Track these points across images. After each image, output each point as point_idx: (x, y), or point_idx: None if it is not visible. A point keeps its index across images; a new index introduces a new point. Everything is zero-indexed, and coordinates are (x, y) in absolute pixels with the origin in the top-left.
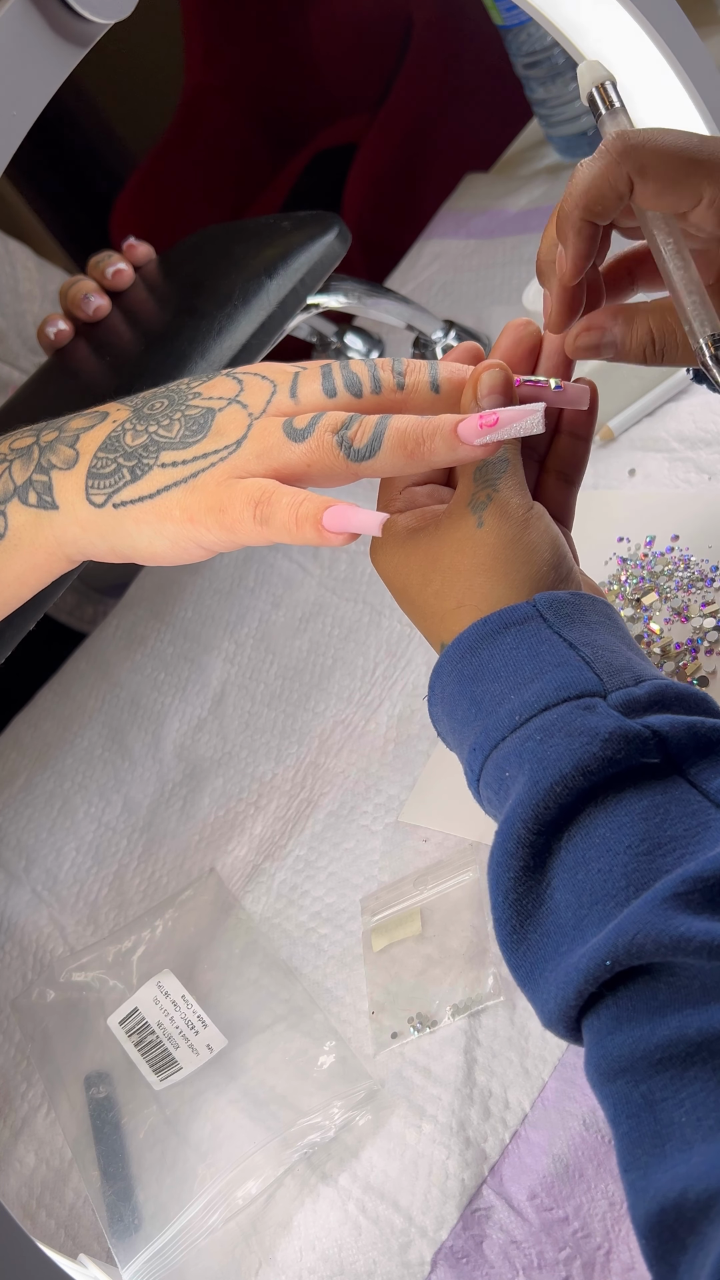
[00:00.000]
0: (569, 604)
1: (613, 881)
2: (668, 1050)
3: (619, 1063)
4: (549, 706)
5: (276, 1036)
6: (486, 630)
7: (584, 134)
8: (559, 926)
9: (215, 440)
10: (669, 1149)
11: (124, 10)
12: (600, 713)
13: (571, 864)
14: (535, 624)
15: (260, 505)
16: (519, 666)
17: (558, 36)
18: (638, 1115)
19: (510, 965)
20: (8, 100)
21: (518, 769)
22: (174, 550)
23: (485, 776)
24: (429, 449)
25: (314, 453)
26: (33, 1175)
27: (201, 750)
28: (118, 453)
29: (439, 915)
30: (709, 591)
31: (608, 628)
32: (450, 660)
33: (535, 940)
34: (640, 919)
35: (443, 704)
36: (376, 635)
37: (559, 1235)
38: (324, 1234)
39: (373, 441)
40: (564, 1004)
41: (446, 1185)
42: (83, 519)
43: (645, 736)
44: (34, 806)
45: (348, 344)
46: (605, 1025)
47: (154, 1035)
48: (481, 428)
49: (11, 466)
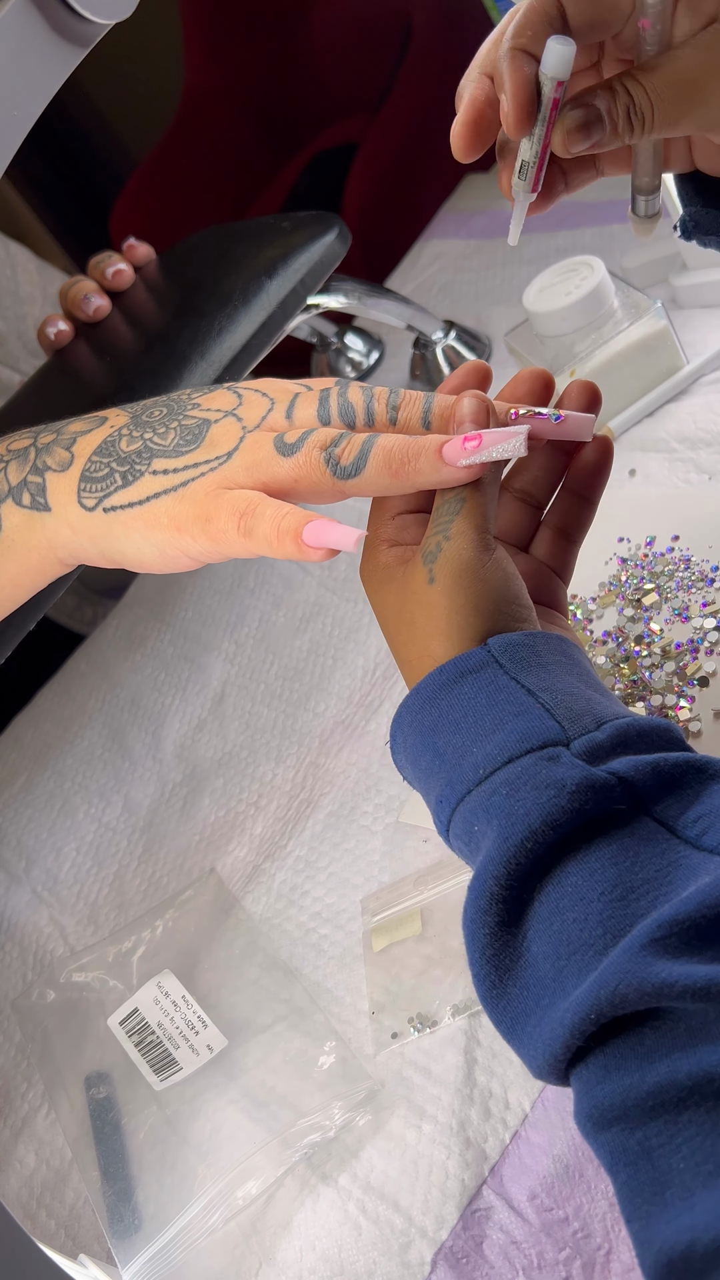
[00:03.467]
0: (524, 646)
1: (589, 930)
2: (660, 1096)
3: (611, 1111)
4: (512, 759)
5: (276, 1037)
6: (443, 680)
7: None
8: (538, 979)
9: (207, 451)
10: (670, 1196)
11: (124, 10)
12: (565, 763)
13: (546, 915)
14: (491, 670)
15: (245, 517)
16: (479, 717)
17: None
18: (635, 1164)
19: (493, 1020)
20: (8, 100)
21: (486, 824)
22: (161, 558)
23: (454, 829)
24: (413, 469)
25: (301, 468)
26: (33, 1175)
27: (201, 750)
28: (112, 457)
29: (439, 915)
30: (709, 591)
31: (565, 666)
32: (410, 711)
33: (515, 994)
34: (620, 969)
35: (405, 753)
36: (376, 635)
37: (559, 1235)
38: (324, 1234)
39: (358, 459)
40: (552, 1058)
41: (446, 1185)
42: (73, 521)
43: (611, 784)
44: (34, 806)
45: (348, 344)
46: (594, 1075)
47: (154, 1035)
48: (465, 449)
49: (8, 468)
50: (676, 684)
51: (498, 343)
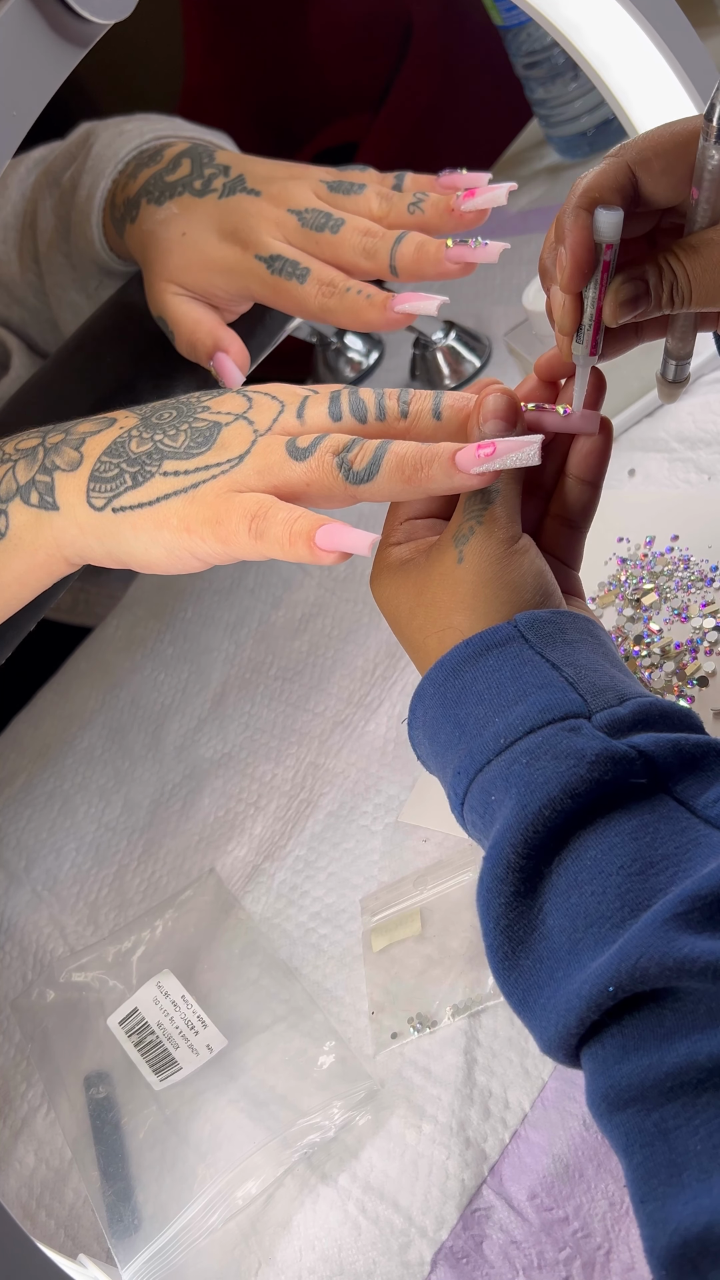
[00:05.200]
0: (550, 623)
1: (606, 903)
2: (679, 1077)
3: (628, 1092)
4: (534, 729)
5: (276, 1036)
6: (468, 653)
7: (584, 134)
8: (553, 951)
9: (219, 453)
10: (686, 1179)
11: (124, 10)
12: (586, 734)
13: (564, 887)
14: (517, 645)
15: (256, 519)
16: (502, 689)
17: (557, 37)
18: (651, 1145)
19: (504, 992)
20: (8, 100)
21: (504, 793)
22: (169, 559)
23: (470, 800)
24: (426, 475)
25: (314, 472)
26: (33, 1175)
27: (201, 750)
28: (122, 458)
29: (439, 915)
30: (709, 591)
31: (590, 645)
32: (432, 683)
33: (529, 966)
34: (643, 942)
35: (424, 728)
36: (376, 635)
37: (559, 1235)
38: (324, 1234)
39: (371, 465)
40: (565, 1031)
41: (446, 1185)
42: (81, 521)
43: (631, 757)
44: (34, 806)
45: (347, 344)
46: (611, 1054)
47: (154, 1035)
48: (479, 457)
49: (15, 467)
50: (676, 684)
51: (497, 343)
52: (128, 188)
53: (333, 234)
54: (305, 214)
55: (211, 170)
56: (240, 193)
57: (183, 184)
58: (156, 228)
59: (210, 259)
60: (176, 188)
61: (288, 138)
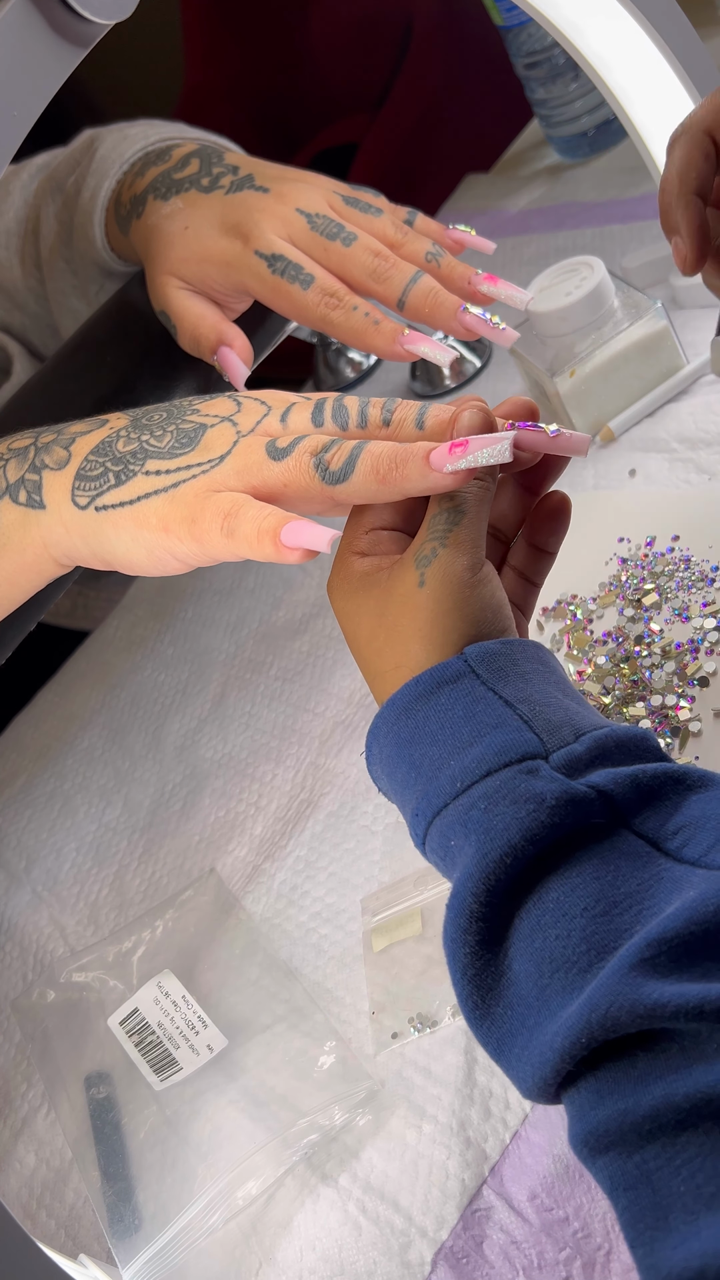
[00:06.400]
0: (500, 655)
1: (572, 947)
2: (656, 1119)
3: (607, 1136)
4: (491, 772)
5: (276, 1037)
6: (420, 690)
7: (584, 134)
8: (522, 998)
9: (201, 454)
10: (673, 1221)
11: (124, 10)
12: (544, 776)
13: (527, 932)
14: (469, 681)
15: (228, 518)
16: (456, 729)
17: (558, 37)
18: (635, 1188)
19: (479, 1040)
20: (8, 100)
21: (463, 839)
22: (149, 559)
23: (430, 843)
24: (401, 475)
25: (290, 472)
26: (33, 1175)
27: (201, 750)
28: (107, 457)
29: (439, 915)
30: (709, 591)
31: (542, 674)
32: (386, 722)
33: (500, 1014)
34: (611, 991)
35: (381, 764)
36: None
37: (559, 1235)
38: (324, 1234)
39: (347, 464)
40: (542, 1082)
41: (446, 1185)
42: (66, 520)
43: (591, 798)
44: (34, 806)
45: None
46: (587, 1100)
47: (154, 1035)
48: (452, 454)
49: (6, 466)
50: (676, 684)
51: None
52: (135, 185)
53: (344, 246)
54: (316, 219)
55: (220, 169)
56: (248, 189)
57: (190, 181)
58: (161, 221)
59: (208, 251)
60: (184, 184)
61: (288, 138)
